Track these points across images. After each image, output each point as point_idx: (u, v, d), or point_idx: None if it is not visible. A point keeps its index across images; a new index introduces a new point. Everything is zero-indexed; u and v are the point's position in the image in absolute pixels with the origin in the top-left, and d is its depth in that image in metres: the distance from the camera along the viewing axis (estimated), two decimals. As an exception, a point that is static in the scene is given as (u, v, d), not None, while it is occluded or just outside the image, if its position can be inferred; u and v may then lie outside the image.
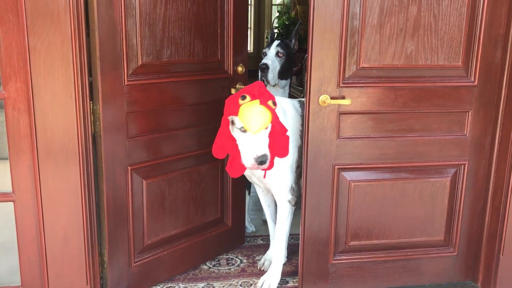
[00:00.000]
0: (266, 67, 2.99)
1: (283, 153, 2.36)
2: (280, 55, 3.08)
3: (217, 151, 2.40)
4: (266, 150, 2.20)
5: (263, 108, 2.16)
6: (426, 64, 2.35)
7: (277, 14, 12.00)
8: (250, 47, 12.19)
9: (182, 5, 2.40)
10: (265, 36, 11.77)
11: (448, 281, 2.68)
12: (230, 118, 2.27)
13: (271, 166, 2.34)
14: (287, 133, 2.37)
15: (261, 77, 3.00)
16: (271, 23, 9.83)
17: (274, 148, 2.30)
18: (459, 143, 2.49)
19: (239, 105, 2.19)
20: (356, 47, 2.28)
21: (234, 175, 2.42)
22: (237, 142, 2.28)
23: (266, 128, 2.22)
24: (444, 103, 2.42)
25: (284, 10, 11.79)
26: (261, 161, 2.19)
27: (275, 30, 11.33)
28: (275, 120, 2.25)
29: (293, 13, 11.02)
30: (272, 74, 3.02)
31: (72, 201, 2.19)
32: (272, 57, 3.03)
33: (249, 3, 12.01)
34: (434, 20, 2.30)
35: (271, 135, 2.25)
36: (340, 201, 2.46)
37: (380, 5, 2.24)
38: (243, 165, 2.35)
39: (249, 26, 12.22)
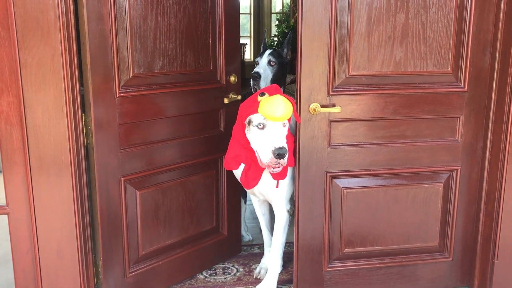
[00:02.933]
0: (258, 76, 3.00)
1: (291, 162, 2.38)
2: (272, 63, 3.09)
3: (230, 162, 2.42)
4: (284, 143, 2.20)
5: (287, 101, 2.21)
6: (416, 71, 2.37)
7: (277, 22, 12.06)
8: (250, 55, 12.25)
9: (173, 17, 2.43)
10: (261, 45, 11.80)
11: (444, 286, 2.67)
12: (246, 119, 2.29)
13: (284, 175, 2.36)
14: None
15: (253, 85, 3.02)
16: (263, 33, 9.92)
17: (290, 157, 2.31)
18: (451, 149, 2.49)
19: (258, 102, 2.23)
20: (345, 55, 2.30)
21: (249, 186, 2.44)
22: (253, 145, 2.29)
23: (284, 125, 2.25)
24: (435, 109, 2.43)
25: (284, 18, 11.84)
26: (279, 153, 2.16)
27: (275, 39, 11.38)
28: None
29: (292, 21, 11.07)
30: (264, 83, 3.03)
31: (65, 213, 2.20)
32: (264, 66, 3.04)
33: (249, 12, 12.11)
34: (422, 27, 2.32)
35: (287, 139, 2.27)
36: (333, 208, 2.47)
37: (368, 14, 2.26)
38: (259, 174, 2.37)
39: (248, 34, 12.30)
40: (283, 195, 2.53)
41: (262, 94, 2.24)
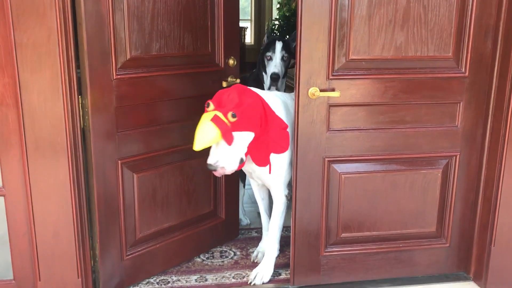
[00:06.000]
0: (277, 77, 2.95)
1: (280, 149, 2.37)
2: (285, 58, 3.04)
3: None
4: (213, 160, 2.16)
5: (211, 126, 2.06)
6: (416, 56, 2.34)
7: (278, 5, 11.93)
8: (250, 39, 12.15)
9: (171, -2, 2.40)
10: (265, 28, 11.72)
11: (441, 272, 2.68)
12: None
13: (265, 162, 2.36)
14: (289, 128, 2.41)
15: (269, 85, 2.97)
16: (267, 25, 9.78)
17: (269, 145, 2.32)
18: (451, 135, 2.48)
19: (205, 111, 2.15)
20: (345, 39, 2.27)
21: (259, 164, 2.41)
22: None
23: (218, 144, 2.16)
24: (435, 94, 2.41)
25: (285, 2, 11.72)
26: (209, 169, 2.19)
27: (276, 22, 11.27)
28: (263, 121, 2.23)
29: (294, 5, 10.95)
30: (281, 81, 3.00)
31: (61, 196, 2.20)
32: (279, 63, 2.99)
33: (250, -6, 11.98)
34: (423, 11, 2.28)
35: (264, 133, 2.26)
36: (331, 193, 2.46)
37: (369, -4, 2.23)
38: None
39: (249, 18, 12.19)
40: (281, 180, 2.52)
41: (208, 105, 2.13)
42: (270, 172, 2.43)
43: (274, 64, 2.98)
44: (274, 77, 2.93)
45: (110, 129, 2.30)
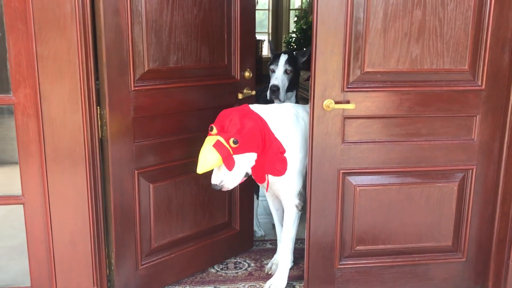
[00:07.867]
0: (277, 89, 2.98)
1: (277, 172, 2.40)
2: (288, 72, 3.06)
3: None
4: (218, 180, 2.24)
5: (213, 151, 2.14)
6: (432, 68, 2.34)
7: (295, 18, 12.00)
8: (267, 52, 12.23)
9: (189, 11, 2.44)
10: (283, 41, 11.79)
11: (457, 287, 2.64)
12: None
13: (261, 180, 2.43)
14: (295, 136, 2.47)
15: (270, 96, 3.01)
16: (270, 42, 9.87)
17: (265, 166, 2.36)
18: (467, 148, 2.46)
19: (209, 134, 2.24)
20: (360, 52, 2.28)
21: (257, 182, 2.51)
22: None
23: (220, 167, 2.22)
24: (451, 107, 2.40)
25: (302, 15, 11.78)
26: (214, 189, 2.27)
27: (293, 35, 11.31)
28: (263, 142, 2.28)
29: (311, 18, 11.01)
30: (283, 93, 3.02)
31: (79, 205, 2.23)
32: (280, 76, 3.02)
33: (267, 8, 12.09)
34: (439, 24, 2.28)
35: (263, 155, 2.30)
36: (346, 205, 2.46)
37: (384, 10, 2.24)
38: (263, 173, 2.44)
39: (266, 31, 12.28)
40: (290, 190, 2.53)
41: (211, 129, 2.22)
42: (267, 191, 2.54)
43: (275, 77, 3.02)
44: (273, 89, 2.97)
45: (127, 140, 2.34)
